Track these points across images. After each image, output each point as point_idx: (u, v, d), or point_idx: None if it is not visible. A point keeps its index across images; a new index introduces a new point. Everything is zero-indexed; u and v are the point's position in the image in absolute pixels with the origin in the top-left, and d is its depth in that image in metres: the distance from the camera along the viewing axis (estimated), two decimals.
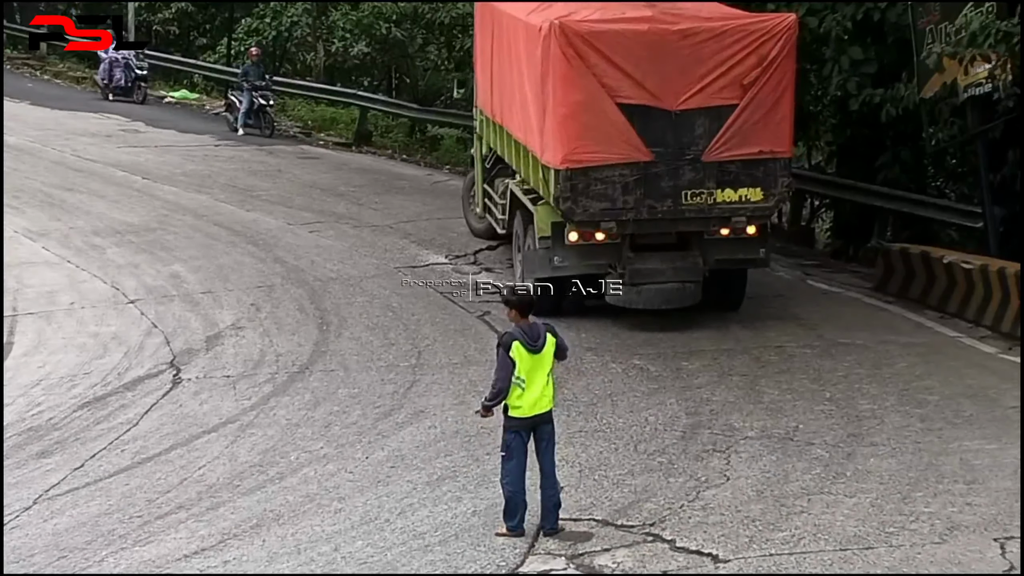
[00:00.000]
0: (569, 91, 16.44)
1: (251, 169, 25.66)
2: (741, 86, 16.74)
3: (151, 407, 14.33)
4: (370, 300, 18.34)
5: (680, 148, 16.73)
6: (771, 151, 16.98)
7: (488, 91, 20.33)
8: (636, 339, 16.82)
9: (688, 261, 17.30)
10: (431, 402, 14.52)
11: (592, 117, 16.48)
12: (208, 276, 19.35)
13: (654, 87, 16.56)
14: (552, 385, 11.11)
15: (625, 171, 16.67)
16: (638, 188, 16.71)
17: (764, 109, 16.83)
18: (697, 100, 16.66)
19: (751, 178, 16.98)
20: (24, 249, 20.57)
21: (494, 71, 19.81)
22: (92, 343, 16.46)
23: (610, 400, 14.61)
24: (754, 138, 16.85)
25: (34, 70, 41.86)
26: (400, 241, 21.56)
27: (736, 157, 16.86)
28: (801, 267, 21.10)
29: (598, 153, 16.55)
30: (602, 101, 16.45)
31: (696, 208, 16.91)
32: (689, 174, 16.77)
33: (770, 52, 16.76)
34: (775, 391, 14.95)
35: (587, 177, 16.58)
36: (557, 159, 16.57)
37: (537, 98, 17.02)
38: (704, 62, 16.65)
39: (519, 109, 18.05)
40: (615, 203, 16.72)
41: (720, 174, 16.86)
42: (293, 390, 14.86)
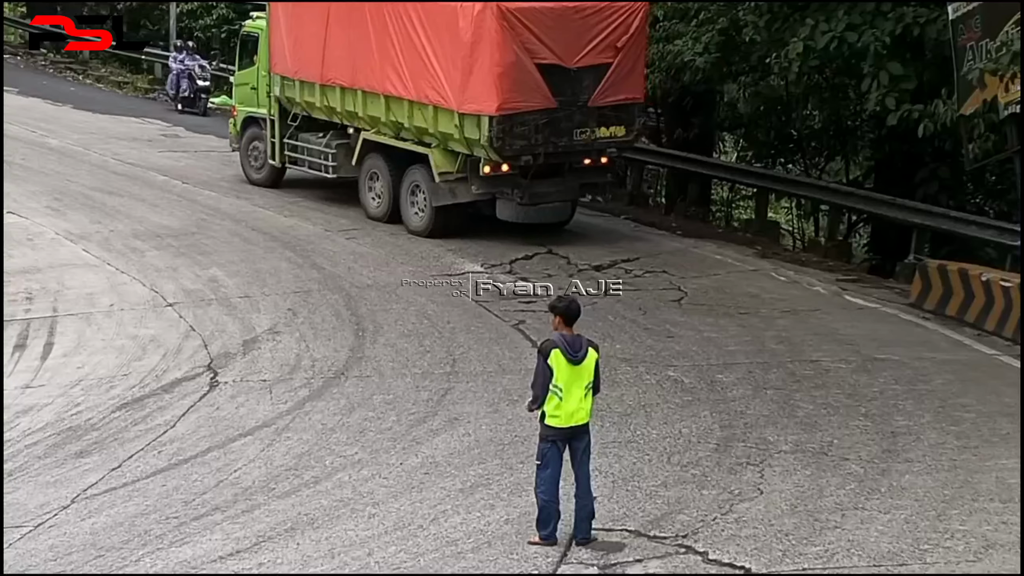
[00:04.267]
0: (504, 54, 20.72)
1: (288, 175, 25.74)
2: (615, 48, 21.59)
3: (188, 409, 14.42)
4: (406, 307, 18.40)
5: (574, 97, 21.39)
6: (633, 97, 22.16)
7: (312, 60, 23.96)
8: (670, 351, 16.82)
9: (567, 185, 22.40)
10: (465, 409, 14.55)
11: (519, 74, 20.87)
12: (246, 281, 19.45)
13: (558, 50, 21.11)
14: (591, 399, 11.12)
15: (538, 115, 21.06)
16: (546, 128, 21.19)
17: (629, 65, 21.83)
18: (587, 59, 21.38)
19: (618, 119, 21.97)
20: (65, 251, 20.73)
21: (335, 43, 23.48)
22: (131, 345, 16.57)
23: (644, 411, 14.61)
24: (622, 87, 21.83)
25: (76, 74, 42.17)
26: (436, 249, 21.62)
27: (611, 102, 21.74)
28: (838, 282, 21.03)
29: (522, 102, 20.93)
30: (525, 61, 20.86)
31: (583, 143, 21.77)
32: (579, 117, 21.51)
33: (633, 23, 21.68)
34: (810, 405, 14.93)
35: (512, 121, 20.89)
36: (492, 107, 20.74)
37: (457, 62, 21.09)
38: (591, 30, 21.37)
39: (412, 73, 21.91)
40: (530, 140, 21.10)
41: (599, 116, 21.73)
42: (328, 395, 14.92)
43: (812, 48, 21.31)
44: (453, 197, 22.05)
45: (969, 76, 19.08)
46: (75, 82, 40.73)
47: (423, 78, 21.82)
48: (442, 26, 21.50)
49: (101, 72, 42.11)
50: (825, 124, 26.80)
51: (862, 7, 21.14)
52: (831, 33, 21.00)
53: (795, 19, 22.21)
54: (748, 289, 20.18)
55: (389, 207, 23.21)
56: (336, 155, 24.27)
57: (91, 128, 31.84)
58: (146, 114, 34.41)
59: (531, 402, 11.20)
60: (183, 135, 31.47)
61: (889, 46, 20.77)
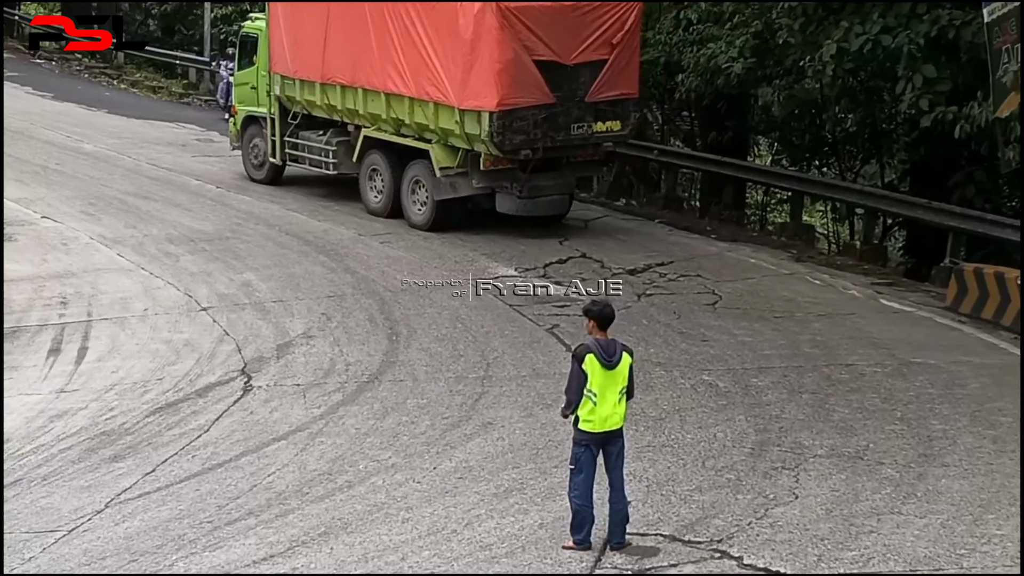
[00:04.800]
0: (503, 51, 21.31)
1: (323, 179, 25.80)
2: (611, 45, 22.17)
3: (222, 414, 14.44)
4: (439, 311, 18.38)
5: (572, 92, 22.00)
6: (627, 93, 22.72)
7: (313, 59, 24.61)
8: (705, 355, 16.77)
9: (564, 178, 23.07)
10: (499, 414, 14.53)
11: (518, 70, 21.47)
12: (279, 285, 19.48)
13: (556, 47, 21.71)
14: (625, 403, 11.08)
15: (536, 111, 21.67)
16: (544, 123, 21.78)
17: (623, 62, 22.42)
18: (583, 56, 22.00)
19: (614, 113, 22.56)
20: (100, 256, 20.82)
21: (335, 42, 24.10)
22: (165, 349, 16.62)
23: (678, 415, 14.56)
24: (617, 83, 22.41)
25: (111, 79, 42.39)
26: (470, 253, 21.61)
27: (607, 98, 22.35)
28: (873, 285, 20.93)
29: (521, 98, 21.52)
30: (524, 58, 21.47)
31: (581, 137, 22.41)
32: (576, 112, 22.12)
33: (628, 20, 22.32)
34: (845, 409, 14.85)
35: (512, 116, 21.47)
36: (492, 103, 21.35)
37: (457, 59, 21.71)
38: (587, 27, 21.96)
39: (413, 71, 22.53)
40: (529, 135, 21.68)
41: (596, 111, 22.33)
42: (362, 399, 14.92)
43: (846, 50, 21.23)
44: (454, 191, 22.74)
45: (1004, 79, 18.96)
46: (110, 87, 40.95)
47: (423, 75, 22.43)
48: (442, 24, 22.14)
49: (136, 77, 42.32)
50: (860, 127, 26.66)
51: (897, 9, 21.04)
52: (865, 35, 20.92)
53: (829, 22, 22.11)
54: (783, 293, 20.10)
55: (390, 202, 23.81)
56: (337, 152, 24.96)
57: (125, 133, 31.99)
58: (180, 119, 34.55)
59: (565, 407, 11.17)
60: (217, 139, 31.55)
61: (924, 48, 20.65)
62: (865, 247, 24.30)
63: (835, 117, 27.31)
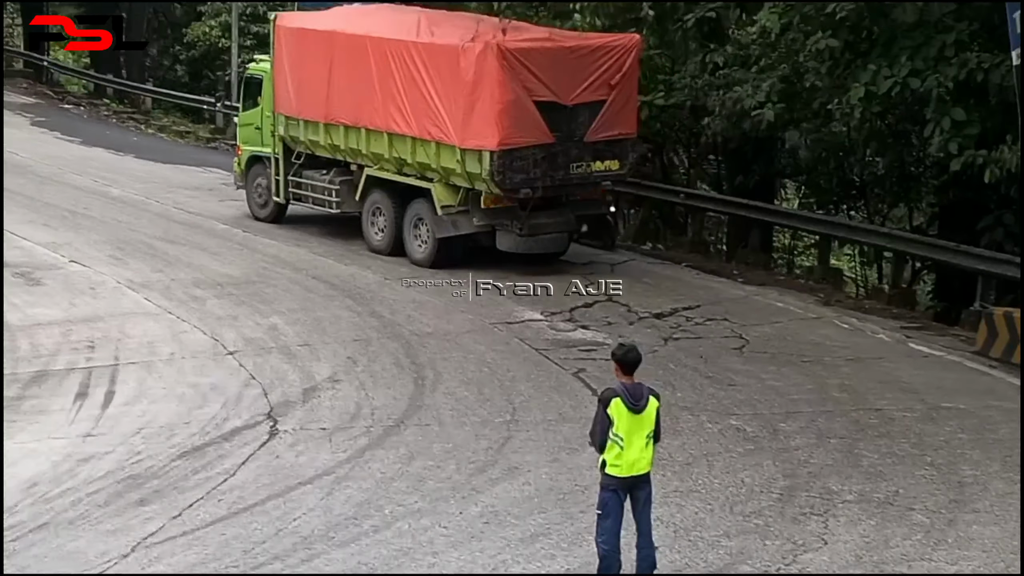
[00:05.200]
0: (504, 92, 21.77)
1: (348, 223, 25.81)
2: (609, 86, 22.65)
3: (248, 458, 14.40)
4: (465, 355, 18.35)
5: (571, 132, 22.50)
6: (626, 133, 23.22)
7: (316, 100, 25.01)
8: (732, 399, 16.69)
9: (564, 216, 23.32)
10: (525, 459, 14.46)
11: (518, 111, 21.93)
12: (306, 329, 19.47)
13: (556, 88, 22.20)
14: (652, 448, 11.01)
15: (536, 150, 22.10)
16: (544, 163, 22.21)
17: (622, 102, 22.94)
18: (582, 97, 22.49)
19: (612, 153, 23.01)
20: (127, 300, 20.85)
21: (339, 84, 24.56)
22: (191, 393, 16.61)
23: (706, 460, 14.48)
24: (616, 123, 22.91)
25: (139, 124, 42.63)
26: (496, 297, 21.58)
27: (605, 138, 22.83)
28: (902, 329, 20.81)
29: (522, 138, 21.95)
30: (524, 99, 21.94)
31: (580, 176, 22.82)
32: (575, 151, 22.55)
33: (626, 61, 22.82)
34: (874, 455, 14.75)
35: (512, 156, 21.89)
36: (493, 143, 21.79)
37: (458, 100, 22.23)
38: (586, 69, 22.47)
39: (415, 111, 23.00)
40: (529, 174, 22.10)
41: (595, 151, 22.76)
42: (388, 444, 14.87)
43: (874, 93, 21.22)
44: (455, 229, 23.11)
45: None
46: (138, 132, 41.15)
47: (425, 115, 22.91)
48: (444, 66, 22.66)
49: (163, 122, 42.56)
50: (888, 170, 26.60)
51: (925, 52, 21.02)
52: (894, 78, 20.91)
53: (857, 64, 22.10)
54: (811, 337, 20.02)
55: (392, 240, 24.22)
56: (340, 191, 25.28)
57: (153, 177, 32.12)
58: (207, 163, 34.66)
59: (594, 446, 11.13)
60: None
61: (952, 91, 20.63)
62: (894, 291, 24.21)
63: (863, 160, 27.25)
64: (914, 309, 23.30)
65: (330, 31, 25.25)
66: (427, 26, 23.86)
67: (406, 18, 25.14)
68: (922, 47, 21.15)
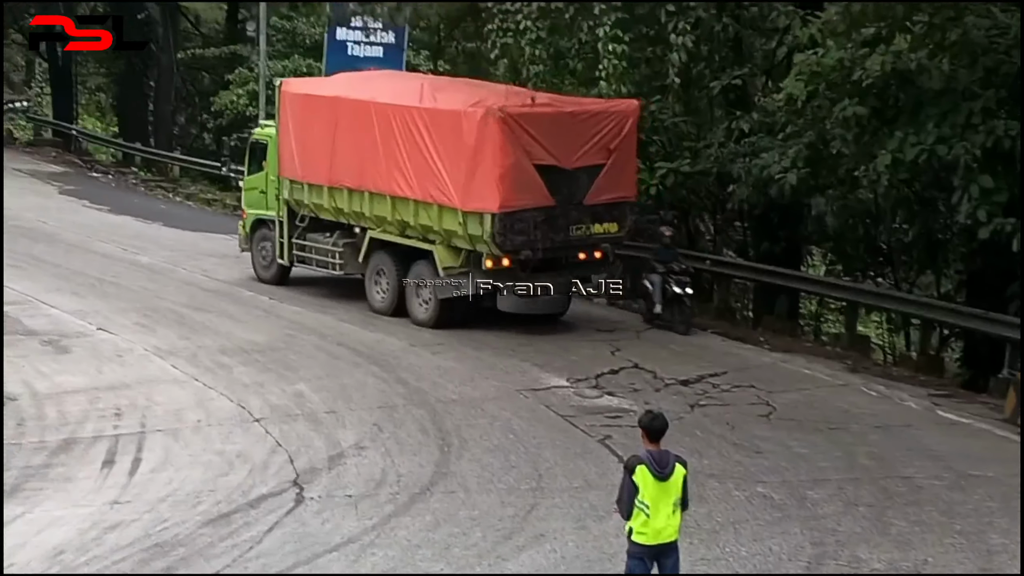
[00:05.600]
0: (505, 156, 22.25)
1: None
2: (608, 150, 23.22)
3: (274, 525, 14.36)
4: (491, 422, 18.31)
5: (570, 195, 22.99)
6: (624, 196, 23.79)
7: (321, 164, 25.47)
8: (759, 466, 16.60)
9: (563, 277, 23.58)
10: (551, 526, 14.40)
11: (519, 174, 22.39)
12: (331, 396, 19.47)
13: (556, 152, 22.71)
14: (679, 515, 10.95)
15: (537, 213, 22.61)
16: (544, 225, 22.73)
17: (620, 166, 23.51)
18: (582, 160, 23.01)
19: (611, 216, 23.56)
20: (154, 367, 20.89)
21: (343, 148, 25.01)
22: (218, 461, 16.59)
23: (733, 528, 14.39)
24: (615, 187, 23.47)
25: (167, 192, 42.88)
26: (521, 364, 21.56)
27: (604, 201, 23.37)
28: (930, 397, 20.72)
29: (522, 201, 22.43)
30: (525, 163, 22.43)
31: (579, 238, 23.36)
32: (575, 214, 23.10)
33: (625, 126, 23.44)
34: (903, 523, 14.64)
35: (513, 218, 22.39)
36: (495, 205, 22.26)
37: (460, 163, 22.68)
38: (585, 134, 23.02)
39: (418, 174, 23.41)
40: (529, 236, 22.60)
41: (594, 213, 23.32)
42: (414, 511, 14.83)
43: (901, 160, 21.23)
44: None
45: None
46: (165, 200, 41.38)
47: (428, 179, 23.34)
48: (447, 130, 23.13)
49: (191, 190, 42.80)
50: (915, 237, 26.55)
51: (952, 119, 21.03)
52: (921, 145, 20.91)
53: (884, 132, 22.12)
54: (838, 404, 19.93)
55: (394, 301, 24.65)
56: (343, 253, 25.78)
57: (180, 245, 32.26)
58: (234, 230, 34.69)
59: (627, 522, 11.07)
60: None
61: (980, 159, 20.62)
62: (921, 358, 24.11)
63: (891, 227, 27.21)
64: (942, 376, 23.19)
65: (334, 96, 25.80)
66: (430, 91, 24.41)
67: (409, 84, 26.06)
68: (949, 114, 21.17)
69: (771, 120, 25.95)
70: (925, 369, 23.10)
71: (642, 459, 10.86)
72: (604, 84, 24.93)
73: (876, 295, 25.91)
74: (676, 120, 28.53)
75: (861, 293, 25.84)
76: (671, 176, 27.49)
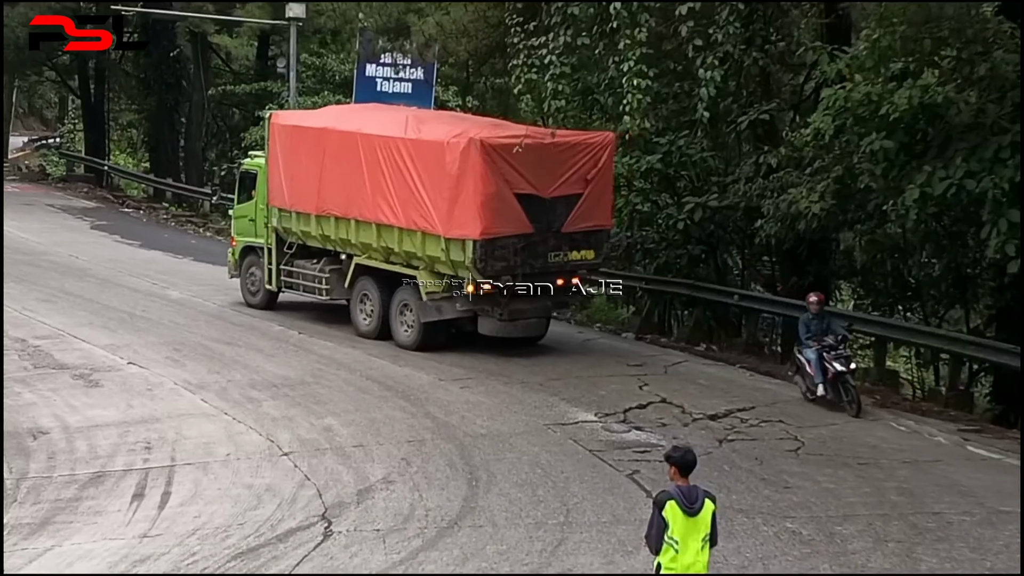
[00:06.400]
0: (487, 186, 23.12)
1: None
2: (585, 180, 24.23)
3: (302, 559, 14.39)
4: (519, 457, 18.31)
5: (549, 223, 23.94)
6: (601, 224, 24.91)
7: (308, 193, 26.58)
8: (788, 501, 16.56)
9: (541, 303, 24.49)
10: (579, 561, 14.38)
11: (499, 203, 23.27)
12: (360, 430, 19.51)
13: (535, 182, 23.64)
14: (708, 551, 10.94)
15: (516, 240, 23.55)
16: (523, 252, 23.68)
17: (597, 195, 24.52)
18: (560, 190, 23.96)
19: (588, 243, 24.57)
20: (184, 401, 20.98)
21: (330, 177, 26.04)
22: (247, 494, 16.64)
23: (762, 564, 14.36)
24: (592, 215, 24.50)
25: (197, 227, 43.12)
26: (550, 398, 21.58)
27: (581, 229, 24.38)
28: (960, 432, 20.65)
29: (502, 228, 23.36)
30: (506, 192, 23.31)
31: (557, 264, 24.26)
32: (553, 241, 24.08)
33: (601, 157, 24.45)
34: (933, 559, 14.58)
35: (494, 245, 23.30)
36: (476, 233, 23.14)
37: (443, 192, 23.50)
38: (564, 164, 23.98)
39: (402, 203, 24.35)
40: (509, 262, 23.51)
41: (571, 241, 24.33)
42: (442, 545, 14.83)
43: (929, 195, 21.19)
44: (439, 314, 24.56)
45: None
46: (196, 235, 41.62)
47: (412, 207, 24.33)
48: (430, 160, 24.06)
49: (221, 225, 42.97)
50: (944, 271, 26.49)
51: (980, 154, 20.99)
52: (949, 180, 20.88)
53: (912, 166, 22.10)
54: (867, 439, 19.87)
55: (379, 325, 25.72)
56: (330, 279, 26.92)
57: (210, 279, 32.42)
58: None
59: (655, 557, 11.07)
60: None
61: (1008, 193, 20.57)
62: (951, 393, 24.02)
63: (919, 262, 27.16)
64: (972, 411, 23.12)
65: (322, 128, 26.85)
66: (415, 123, 25.31)
67: (395, 116, 26.82)
68: (977, 149, 21.13)
69: (799, 155, 25.96)
70: (954, 404, 23.02)
71: (671, 494, 10.87)
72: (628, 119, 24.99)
73: (905, 330, 25.85)
74: (704, 155, 28.59)
75: (890, 328, 25.79)
76: (699, 210, 27.54)
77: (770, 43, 27.06)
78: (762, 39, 26.93)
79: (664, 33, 25.97)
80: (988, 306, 26.62)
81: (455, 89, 42.70)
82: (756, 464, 18.17)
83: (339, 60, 45.63)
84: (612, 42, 25.14)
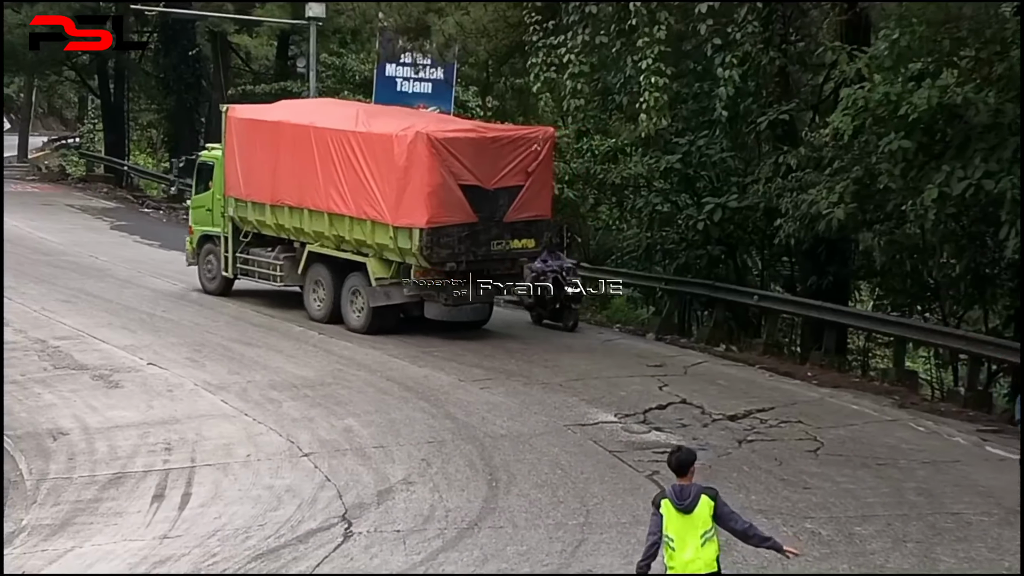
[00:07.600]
0: (432, 176, 24.49)
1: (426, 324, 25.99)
2: (526, 172, 25.54)
3: (323, 560, 14.43)
4: (539, 457, 18.34)
5: (491, 213, 25.27)
6: (540, 215, 26.11)
7: (263, 184, 27.83)
8: (807, 502, 16.57)
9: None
10: (599, 561, 14.41)
11: (445, 193, 24.64)
12: (380, 431, 19.55)
13: (478, 173, 24.97)
14: (712, 548, 10.96)
15: (461, 229, 24.85)
16: (467, 240, 24.96)
17: (537, 187, 25.82)
18: (502, 182, 25.27)
19: (528, 232, 25.93)
20: (204, 402, 21.04)
21: (284, 169, 27.24)
22: (267, 495, 16.69)
23: (780, 564, 14.31)
24: (532, 206, 25.80)
25: None
26: (570, 399, 21.60)
27: (522, 219, 25.68)
28: (979, 433, 20.63)
29: (448, 217, 24.69)
30: (450, 183, 24.65)
31: (499, 253, 25.65)
32: (495, 230, 25.40)
33: (542, 151, 25.71)
34: (952, 559, 14.58)
35: (439, 233, 24.59)
36: (423, 221, 24.52)
37: (391, 182, 24.84)
38: (505, 157, 25.33)
39: (352, 193, 25.65)
40: (454, 250, 24.82)
41: (513, 230, 25.63)
42: (462, 546, 14.87)
43: (948, 195, 21.19)
44: (388, 299, 25.88)
45: None
46: None
47: (362, 197, 25.63)
48: (379, 152, 25.39)
49: None
50: (963, 272, 26.48)
51: (999, 154, 20.99)
52: (968, 180, 20.86)
53: (931, 166, 22.09)
54: (886, 440, 19.86)
55: (330, 310, 27.03)
56: (284, 266, 28.25)
57: None
58: None
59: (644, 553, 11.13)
60: None
61: None
62: (970, 393, 23.99)
63: (938, 262, 27.16)
64: (990, 412, 23.08)
65: (277, 121, 28.16)
66: (365, 118, 26.73)
67: (346, 110, 28.69)
68: (996, 149, 21.13)
69: (818, 155, 25.97)
70: (973, 404, 22.99)
71: (665, 493, 11.03)
72: (644, 117, 25.03)
73: (924, 330, 25.84)
74: (724, 155, 28.61)
75: (909, 328, 25.78)
76: (718, 211, 27.56)
77: (789, 43, 27.12)
78: (781, 39, 26.99)
79: (683, 32, 26.01)
80: (1007, 306, 26.60)
81: (475, 89, 42.73)
82: (775, 465, 18.18)
83: (359, 60, 45.66)
84: (630, 40, 25.21)
